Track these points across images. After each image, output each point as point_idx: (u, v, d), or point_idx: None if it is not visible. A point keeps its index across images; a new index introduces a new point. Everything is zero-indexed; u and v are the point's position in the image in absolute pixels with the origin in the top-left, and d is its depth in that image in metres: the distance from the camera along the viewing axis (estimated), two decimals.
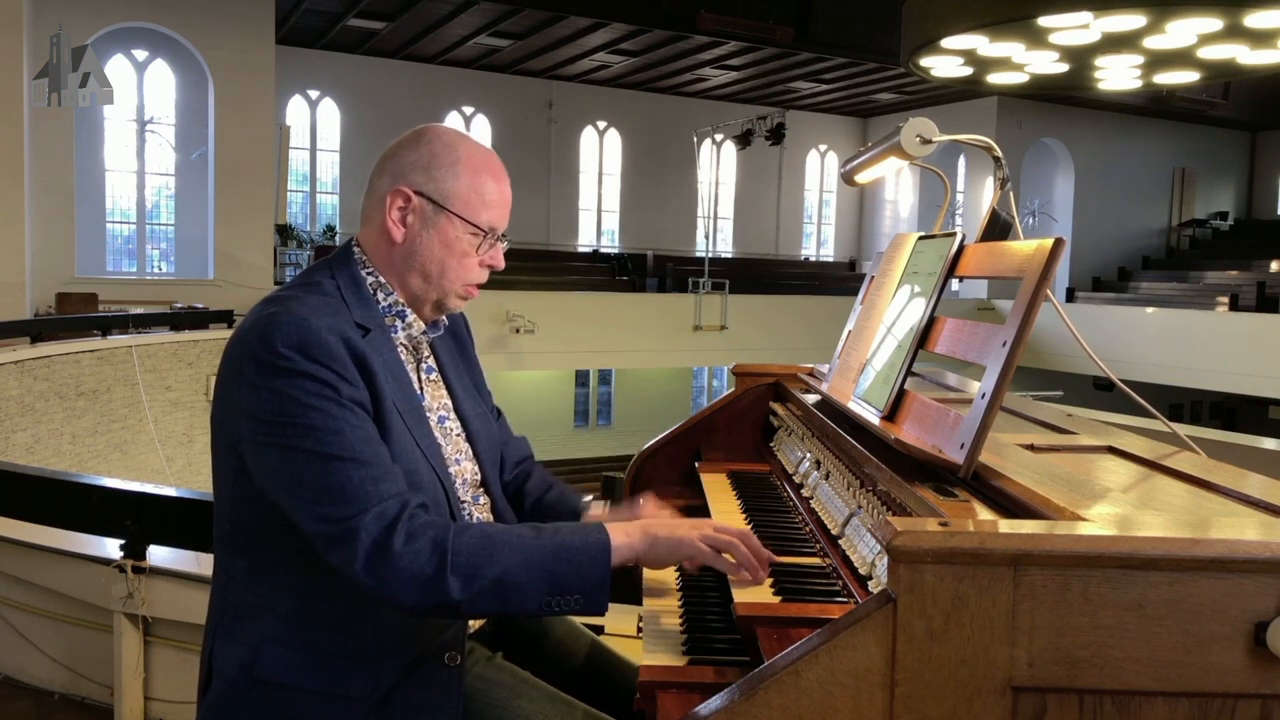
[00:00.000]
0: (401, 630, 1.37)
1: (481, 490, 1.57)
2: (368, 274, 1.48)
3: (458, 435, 1.55)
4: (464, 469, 1.54)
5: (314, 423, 1.27)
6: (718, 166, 20.68)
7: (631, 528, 1.34)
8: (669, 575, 1.58)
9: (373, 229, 1.49)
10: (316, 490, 1.27)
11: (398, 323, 1.49)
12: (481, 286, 1.54)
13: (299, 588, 1.37)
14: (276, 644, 1.37)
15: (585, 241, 20.25)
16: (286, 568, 1.37)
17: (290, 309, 1.33)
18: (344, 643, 1.36)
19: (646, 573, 1.56)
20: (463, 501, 1.50)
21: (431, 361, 1.57)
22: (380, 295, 1.48)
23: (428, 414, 1.49)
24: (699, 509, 1.82)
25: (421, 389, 1.51)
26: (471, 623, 1.53)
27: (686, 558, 1.36)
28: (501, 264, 1.53)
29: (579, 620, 1.70)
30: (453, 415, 1.56)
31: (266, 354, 1.29)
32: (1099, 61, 8.89)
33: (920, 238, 1.75)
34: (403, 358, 1.48)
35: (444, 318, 1.57)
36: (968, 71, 9.53)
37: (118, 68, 13.87)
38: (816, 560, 1.44)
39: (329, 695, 1.35)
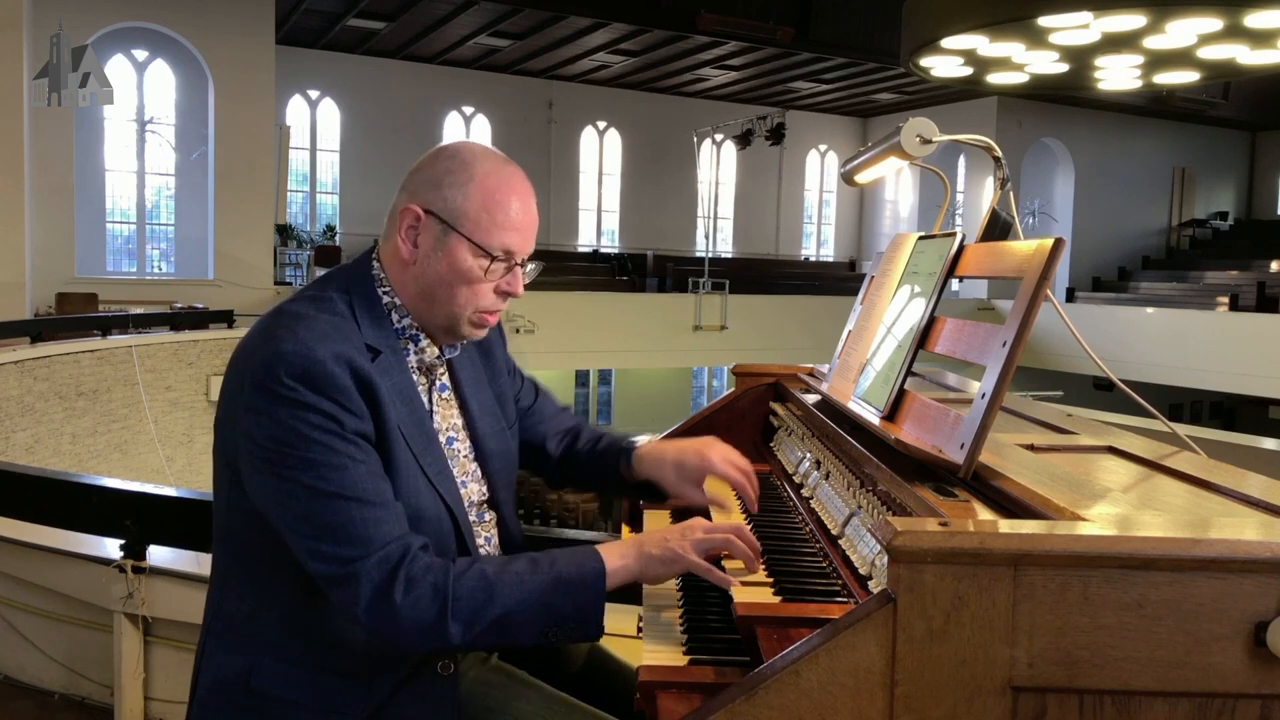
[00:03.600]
0: None
1: (488, 508, 1.54)
2: (384, 293, 1.42)
3: (465, 456, 1.51)
4: (470, 490, 1.50)
5: (315, 457, 1.25)
6: (718, 166, 20.67)
7: (626, 548, 1.32)
8: None
9: (389, 246, 1.42)
10: (316, 527, 1.25)
11: (410, 346, 1.44)
12: None
13: (290, 601, 1.35)
14: (268, 656, 1.36)
15: (585, 241, 20.24)
16: (278, 580, 1.35)
17: (297, 334, 1.29)
18: (336, 658, 1.35)
19: None
20: (470, 525, 1.47)
21: (446, 380, 1.52)
22: (395, 316, 1.42)
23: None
24: (698, 509, 1.82)
25: (432, 409, 1.47)
26: None
27: (682, 571, 1.35)
28: (520, 291, 1.43)
29: None
30: (462, 435, 1.52)
31: (269, 381, 1.26)
32: (1099, 61, 8.89)
33: (920, 238, 1.75)
34: (415, 378, 1.44)
35: None
36: (968, 71, 9.53)
37: (118, 68, 13.87)
38: (816, 560, 1.44)
39: (320, 709, 1.34)
